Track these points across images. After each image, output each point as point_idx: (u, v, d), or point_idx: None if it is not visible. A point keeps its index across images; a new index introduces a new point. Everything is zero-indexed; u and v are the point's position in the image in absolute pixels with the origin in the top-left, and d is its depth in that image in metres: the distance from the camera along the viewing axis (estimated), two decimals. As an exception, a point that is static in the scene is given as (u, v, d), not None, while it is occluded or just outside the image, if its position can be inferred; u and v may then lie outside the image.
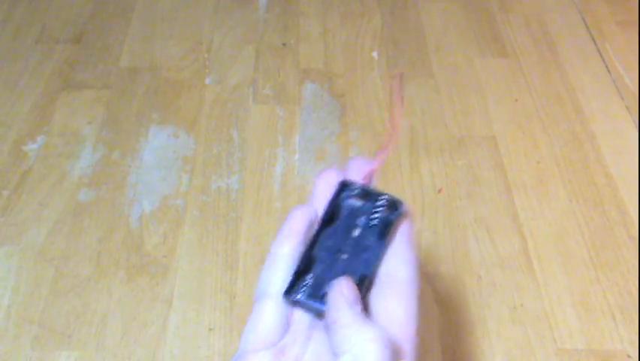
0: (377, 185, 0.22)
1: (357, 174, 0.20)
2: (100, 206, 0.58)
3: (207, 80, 0.71)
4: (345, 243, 0.20)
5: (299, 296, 0.19)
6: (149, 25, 0.77)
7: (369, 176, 0.21)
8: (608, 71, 0.73)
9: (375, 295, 0.19)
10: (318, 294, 0.20)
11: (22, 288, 0.52)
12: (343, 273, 0.19)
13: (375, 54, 0.75)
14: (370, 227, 0.20)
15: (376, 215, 0.20)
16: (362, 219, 0.20)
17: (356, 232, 0.20)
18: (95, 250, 0.55)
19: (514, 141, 0.65)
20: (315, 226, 0.21)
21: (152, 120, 0.66)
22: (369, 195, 0.20)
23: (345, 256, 0.20)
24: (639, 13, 0.79)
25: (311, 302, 0.20)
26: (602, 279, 0.53)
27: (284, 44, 0.75)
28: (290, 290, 0.20)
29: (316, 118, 0.67)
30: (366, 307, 0.20)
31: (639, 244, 0.55)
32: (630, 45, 0.75)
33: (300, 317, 0.20)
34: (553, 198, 0.60)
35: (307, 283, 0.20)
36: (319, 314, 0.20)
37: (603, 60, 0.74)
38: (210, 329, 0.50)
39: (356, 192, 0.21)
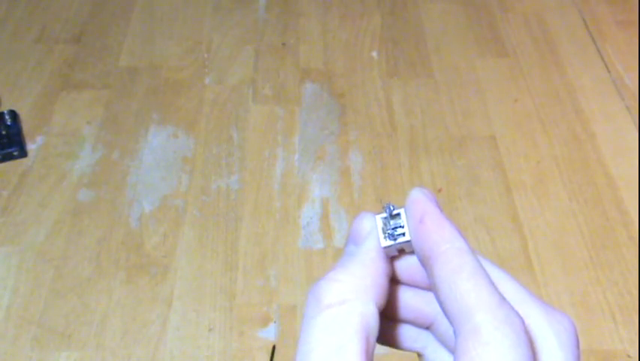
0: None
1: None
2: (99, 206, 0.58)
3: (207, 80, 0.71)
4: None
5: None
6: (148, 25, 0.76)
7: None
8: (608, 71, 0.73)
9: None
10: None
11: (22, 288, 0.52)
12: None
13: (375, 54, 0.75)
14: None
15: None
16: None
17: None
18: (95, 250, 0.54)
19: (513, 141, 0.65)
20: None
21: (152, 120, 0.66)
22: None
23: None
24: (639, 13, 0.79)
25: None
26: (602, 279, 0.53)
27: (283, 44, 0.75)
28: None
29: (316, 118, 0.67)
30: None
31: (639, 243, 0.55)
32: (630, 45, 0.75)
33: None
34: (553, 198, 0.59)
35: None
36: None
37: (603, 60, 0.74)
38: (210, 330, 0.50)
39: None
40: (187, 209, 0.58)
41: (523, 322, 0.13)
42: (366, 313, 0.14)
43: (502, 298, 0.13)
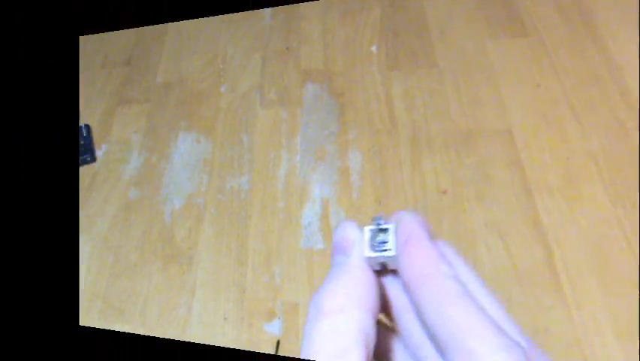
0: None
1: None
2: (143, 203, 0.68)
3: (222, 89, 0.75)
4: None
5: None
6: (177, 44, 0.83)
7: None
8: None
9: None
10: None
11: (93, 269, 0.65)
12: None
13: (374, 48, 0.69)
14: None
15: None
16: None
17: None
18: (140, 240, 0.65)
19: (535, 134, 0.55)
20: None
21: (180, 128, 0.74)
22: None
23: None
24: None
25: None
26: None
27: (287, 48, 0.75)
28: None
29: (316, 119, 0.67)
30: None
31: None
32: None
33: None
34: (588, 202, 0.49)
35: None
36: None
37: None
38: (225, 319, 0.55)
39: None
40: (206, 207, 0.64)
41: (521, 349, 0.12)
42: (362, 320, 0.14)
43: (493, 323, 0.13)
